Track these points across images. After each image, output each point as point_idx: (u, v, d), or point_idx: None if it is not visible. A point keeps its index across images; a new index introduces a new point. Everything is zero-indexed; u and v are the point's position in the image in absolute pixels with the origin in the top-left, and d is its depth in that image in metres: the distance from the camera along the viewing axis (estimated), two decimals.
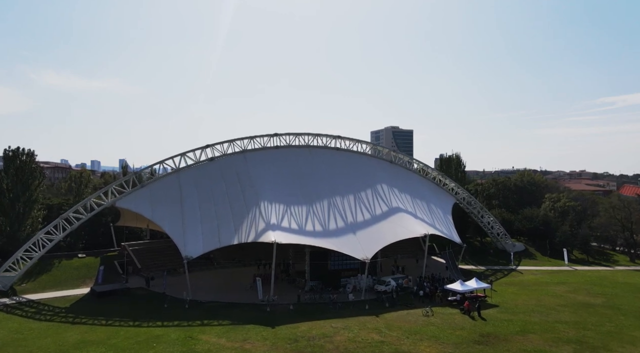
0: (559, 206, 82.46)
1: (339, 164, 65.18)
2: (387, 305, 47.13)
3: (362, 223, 55.63)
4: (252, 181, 57.95)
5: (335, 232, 53.07)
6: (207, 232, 51.29)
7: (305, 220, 53.83)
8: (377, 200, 60.56)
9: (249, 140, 62.95)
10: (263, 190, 56.69)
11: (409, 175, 70.59)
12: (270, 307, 45.69)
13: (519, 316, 42.81)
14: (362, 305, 47.04)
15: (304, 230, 52.40)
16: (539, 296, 50.33)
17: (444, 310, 45.34)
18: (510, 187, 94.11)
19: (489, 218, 75.54)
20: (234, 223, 52.37)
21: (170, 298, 48.75)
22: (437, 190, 71.61)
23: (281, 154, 63.56)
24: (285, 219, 53.35)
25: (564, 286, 55.18)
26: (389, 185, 64.36)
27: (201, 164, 59.41)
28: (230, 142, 61.69)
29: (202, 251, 49.39)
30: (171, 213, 53.07)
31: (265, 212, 53.58)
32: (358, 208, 57.79)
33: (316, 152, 65.79)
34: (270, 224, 51.76)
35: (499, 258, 73.38)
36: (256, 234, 50.45)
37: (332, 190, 59.52)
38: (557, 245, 74.83)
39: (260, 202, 54.68)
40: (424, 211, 62.91)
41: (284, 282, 57.72)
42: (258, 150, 63.10)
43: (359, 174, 64.87)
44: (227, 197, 55.75)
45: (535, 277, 61.61)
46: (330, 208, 56.61)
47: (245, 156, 61.76)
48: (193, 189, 56.10)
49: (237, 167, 59.88)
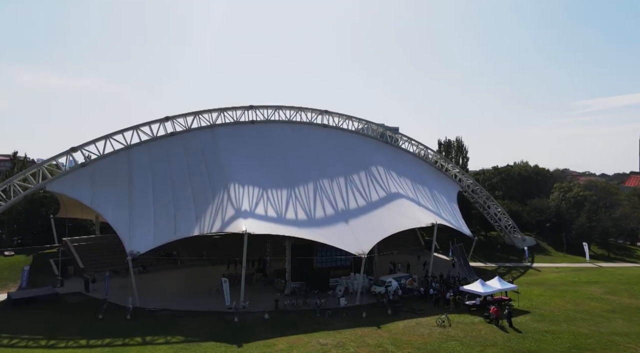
0: (571, 196, 73.85)
1: (326, 143, 54.91)
2: (389, 312, 37.07)
3: (356, 211, 45.48)
4: (221, 161, 47.24)
5: (324, 221, 42.82)
6: (160, 222, 40.45)
7: (286, 207, 43.40)
8: (372, 185, 50.49)
9: (219, 113, 52.16)
10: (234, 171, 46.07)
11: (407, 157, 60.73)
12: (239, 316, 35.14)
13: (562, 326, 33.18)
14: (357, 312, 36.92)
15: (284, 218, 41.98)
16: (574, 299, 40.93)
17: (462, 318, 35.47)
18: (514, 176, 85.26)
19: (496, 210, 66.27)
20: (195, 210, 41.64)
21: (109, 306, 37.77)
22: (439, 176, 61.98)
23: (258, 130, 52.97)
24: (261, 205, 42.83)
25: (597, 286, 45.96)
26: (385, 168, 54.37)
27: (159, 139, 48.31)
28: (196, 115, 50.79)
29: (152, 245, 38.56)
30: (116, 198, 42.01)
31: (235, 196, 42.99)
32: (350, 193, 47.61)
33: (300, 129, 55.39)
34: (242, 211, 41.22)
35: (508, 254, 64.12)
36: (223, 223, 39.84)
37: (319, 172, 49.23)
38: (574, 239, 66.01)
39: (230, 185, 44.07)
40: (427, 198, 53.12)
41: (259, 283, 47.25)
42: (229, 125, 52.33)
43: (351, 154, 54.75)
44: (189, 179, 44.94)
45: (557, 275, 52.40)
46: (316, 193, 46.28)
47: (214, 132, 50.93)
48: (146, 169, 45.06)
49: (204, 144, 49.06)
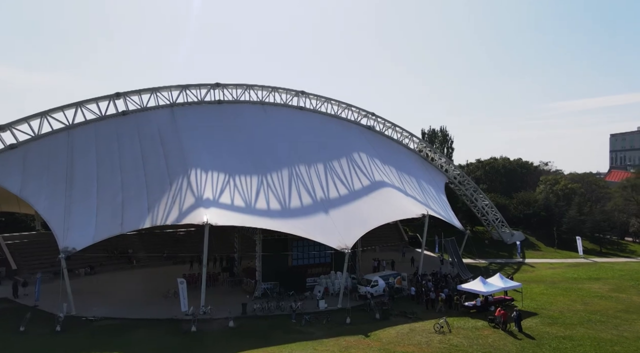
0: (559, 189, 70.55)
1: (303, 127, 49.16)
2: (377, 316, 31.62)
3: (337, 201, 39.87)
4: (182, 144, 40.82)
5: (300, 212, 37.03)
6: (104, 212, 33.74)
7: (256, 195, 37.39)
8: (355, 172, 45.02)
9: (180, 90, 45.62)
10: (196, 156, 39.77)
11: (391, 145, 55.58)
12: (197, 325, 28.95)
13: (578, 330, 28.47)
14: (340, 316, 31.34)
15: (254, 208, 35.96)
16: (581, 297, 36.54)
17: (463, 321, 30.36)
18: (498, 169, 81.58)
19: (483, 203, 61.97)
20: (148, 199, 35.10)
21: (36, 314, 30.84)
22: (425, 166, 57.15)
23: (225, 111, 46.69)
24: (227, 193, 36.68)
25: (600, 283, 41.85)
26: (368, 155, 49.06)
27: (108, 119, 41.42)
28: (153, 92, 44.10)
29: (92, 240, 31.80)
30: (52, 185, 35.01)
31: (197, 183, 36.72)
32: (331, 181, 41.98)
33: (273, 111, 49.43)
34: (203, 200, 34.98)
35: (498, 249, 59.88)
36: (180, 213, 33.50)
37: (295, 158, 43.41)
38: (564, 233, 62.47)
39: (191, 171, 37.77)
40: (414, 188, 48.05)
41: (226, 284, 41.13)
42: (192, 105, 45.86)
43: (330, 139, 49.18)
44: (143, 163, 38.32)
45: (554, 271, 48.23)
46: (292, 180, 40.45)
47: (174, 111, 44.38)
48: (91, 153, 38.15)
49: (161, 125, 42.49)
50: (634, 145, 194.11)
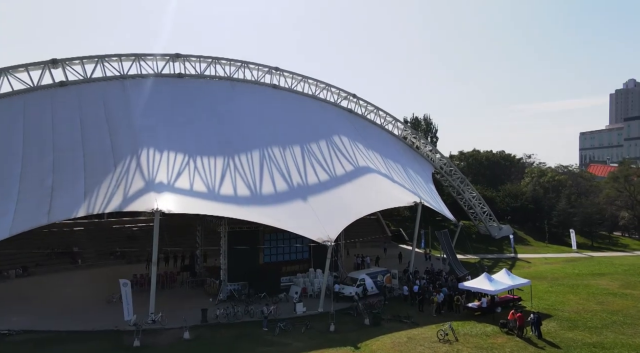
0: (545, 181, 67.29)
1: (277, 106, 43.34)
2: (367, 321, 26.28)
3: (317, 187, 34.27)
4: (132, 120, 34.34)
5: (273, 198, 31.25)
6: (27, 199, 27.00)
7: (221, 179, 31.39)
8: (336, 156, 39.57)
9: (133, 60, 39.01)
10: (150, 134, 33.43)
11: (374, 129, 50.40)
12: (141, 338, 22.85)
13: (606, 335, 23.91)
14: (322, 323, 25.87)
15: (218, 193, 29.96)
16: (592, 295, 32.28)
17: (468, 326, 25.38)
18: (482, 161, 77.86)
19: (470, 195, 57.71)
20: (85, 182, 28.56)
21: None
22: (411, 154, 52.29)
23: (186, 86, 40.35)
24: (185, 177, 30.54)
25: (606, 279, 37.88)
26: (350, 139, 43.75)
27: (41, 89, 34.46)
28: (99, 60, 37.37)
29: (9, 232, 24.92)
30: None
31: (149, 164, 30.47)
32: (309, 165, 36.36)
33: (242, 88, 43.38)
34: (155, 183, 28.80)
35: (487, 244, 55.65)
36: (124, 199, 27.20)
37: (267, 139, 37.57)
38: (555, 227, 58.99)
39: (142, 151, 31.46)
40: (401, 175, 43.04)
41: (186, 286, 34.99)
42: (148, 78, 39.32)
43: (308, 121, 43.63)
44: (82, 141, 31.62)
45: (552, 266, 44.17)
46: (264, 162, 34.60)
47: (125, 84, 37.72)
48: (16, 129, 31.15)
49: (109, 98, 35.79)
50: (603, 143, 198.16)
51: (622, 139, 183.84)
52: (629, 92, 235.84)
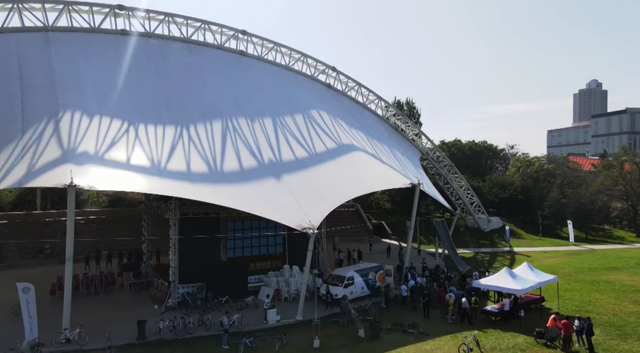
0: (533, 171, 63.26)
1: (245, 76, 36.39)
2: (361, 332, 19.95)
3: (293, 164, 27.65)
4: (54, 78, 26.64)
5: (239, 176, 24.43)
6: None
7: (170, 152, 24.32)
8: (315, 132, 33.10)
9: (61, 9, 31.32)
10: (76, 95, 25.97)
11: (356, 107, 44.20)
12: None
13: None
14: (302, 337, 19.39)
15: (164, 169, 22.90)
16: (621, 293, 27.28)
17: (493, 336, 19.53)
18: (465, 151, 73.26)
19: (458, 184, 52.54)
20: None
21: None
22: (396, 135, 46.49)
23: (132, 46, 32.85)
24: (121, 147, 23.30)
25: (624, 274, 33.15)
26: (330, 115, 37.42)
27: None
28: (14, 5, 29.52)
29: None
30: None
31: (71, 131, 23.09)
32: (283, 140, 29.67)
33: (203, 52, 36.21)
34: (77, 153, 21.52)
35: (477, 238, 50.52)
36: (28, 172, 19.76)
37: (231, 108, 30.74)
38: (547, 218, 54.70)
39: (63, 114, 24.00)
40: (389, 157, 37.06)
41: (128, 289, 27.69)
42: (81, 32, 31.70)
43: (281, 93, 36.97)
44: None
45: (556, 261, 39.31)
46: (227, 134, 27.72)
47: (51, 37, 29.99)
48: None
49: (24, 52, 28.00)
50: (570, 140, 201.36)
51: (589, 136, 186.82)
52: (591, 92, 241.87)
